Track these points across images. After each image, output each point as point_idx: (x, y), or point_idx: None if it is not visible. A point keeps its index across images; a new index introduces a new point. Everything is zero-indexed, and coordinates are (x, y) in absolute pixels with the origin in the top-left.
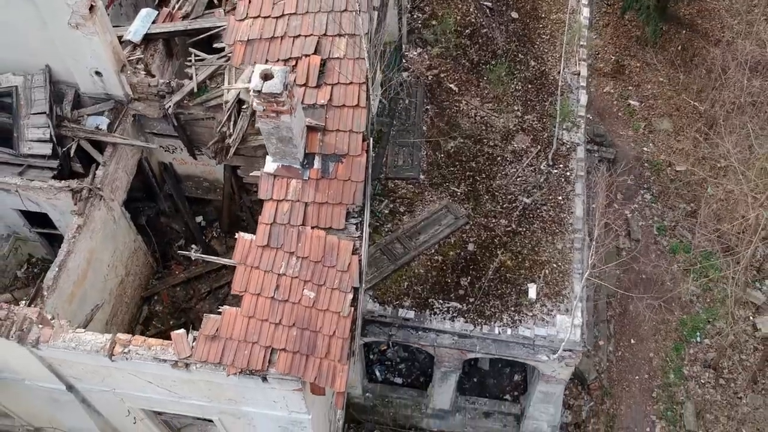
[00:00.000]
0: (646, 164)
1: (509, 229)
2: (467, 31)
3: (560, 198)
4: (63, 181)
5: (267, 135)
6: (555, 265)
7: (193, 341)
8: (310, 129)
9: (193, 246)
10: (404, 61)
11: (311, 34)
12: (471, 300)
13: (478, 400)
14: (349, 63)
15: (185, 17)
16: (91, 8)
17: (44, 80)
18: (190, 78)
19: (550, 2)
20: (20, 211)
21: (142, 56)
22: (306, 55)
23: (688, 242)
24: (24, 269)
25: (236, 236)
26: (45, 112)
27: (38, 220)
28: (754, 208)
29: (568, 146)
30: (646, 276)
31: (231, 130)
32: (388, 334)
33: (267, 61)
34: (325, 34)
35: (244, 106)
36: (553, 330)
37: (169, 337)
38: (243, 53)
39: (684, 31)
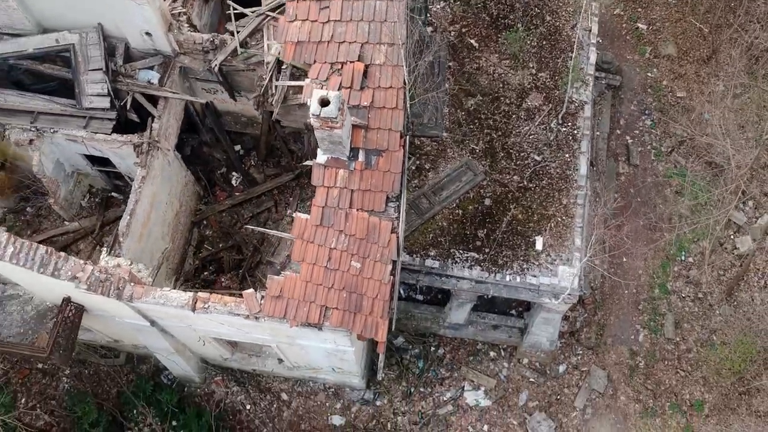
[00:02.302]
0: (649, 90)
1: (521, 185)
2: None
3: (567, 156)
4: (125, 135)
5: (321, 139)
6: (560, 219)
7: (261, 299)
8: (355, 127)
9: (234, 173)
10: (429, 15)
11: (355, 41)
12: (486, 250)
13: (487, 315)
14: (389, 69)
15: None
16: None
17: (98, 38)
18: (231, 34)
19: None
20: (84, 155)
21: (184, 9)
22: (351, 61)
23: (683, 167)
24: (86, 199)
25: (294, 216)
26: (101, 69)
27: (99, 160)
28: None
29: (576, 104)
30: (641, 199)
31: (273, 90)
32: (416, 279)
33: (315, 61)
34: (367, 42)
35: (283, 67)
36: (556, 279)
37: (218, 258)
38: (293, 52)
39: None
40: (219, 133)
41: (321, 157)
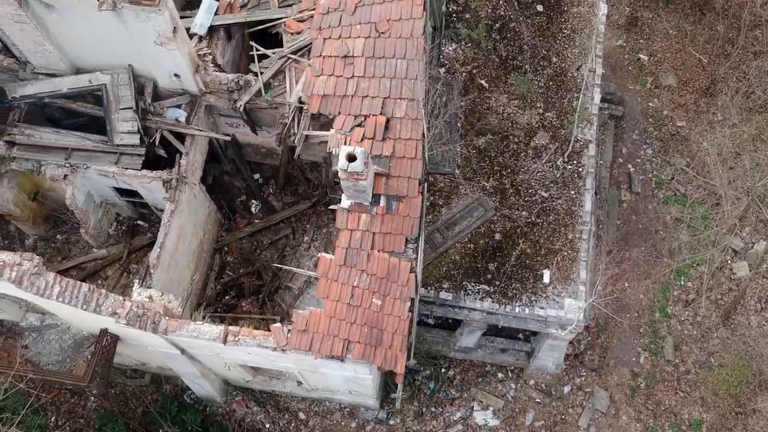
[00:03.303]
0: (650, 119)
1: (529, 220)
2: (497, 25)
3: (572, 192)
4: (155, 171)
5: (346, 187)
6: (566, 253)
7: (288, 332)
8: (377, 175)
9: (253, 201)
10: (441, 57)
11: (377, 96)
12: (497, 283)
13: (496, 339)
14: (409, 122)
15: (243, 7)
16: (174, 30)
17: (129, 79)
18: (255, 75)
19: None
20: (113, 187)
21: (209, 50)
22: (374, 115)
23: (682, 195)
24: (114, 227)
25: (319, 256)
26: (132, 107)
27: (127, 192)
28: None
29: (581, 143)
30: (643, 226)
31: (295, 129)
32: (430, 310)
33: (339, 113)
34: (389, 97)
35: (305, 107)
36: (562, 312)
37: (239, 283)
38: (319, 104)
39: None
40: (240, 164)
41: (345, 202)
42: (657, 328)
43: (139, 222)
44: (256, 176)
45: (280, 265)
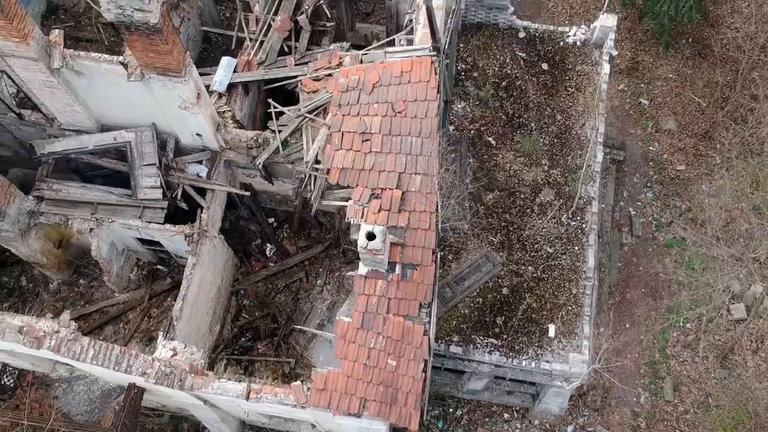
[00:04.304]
0: (651, 163)
1: (535, 275)
2: (504, 83)
3: (576, 248)
4: (177, 226)
5: (364, 258)
6: (570, 308)
7: (307, 390)
8: (393, 244)
9: (268, 245)
10: (450, 115)
11: (394, 171)
12: (504, 337)
13: (502, 381)
14: (423, 195)
15: (260, 64)
16: (198, 95)
17: (152, 136)
18: (272, 132)
19: (576, 54)
20: (136, 237)
21: (229, 107)
22: (390, 188)
23: (681, 238)
24: (135, 272)
25: (337, 319)
26: (155, 164)
27: (148, 241)
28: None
29: (584, 200)
30: (643, 268)
31: (312, 187)
32: (441, 363)
33: (357, 185)
34: (404, 172)
35: (320, 165)
36: (567, 366)
37: (254, 326)
38: (339, 176)
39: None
40: (256, 210)
41: (362, 269)
42: (657, 368)
43: (158, 266)
44: (271, 220)
45: (302, 327)
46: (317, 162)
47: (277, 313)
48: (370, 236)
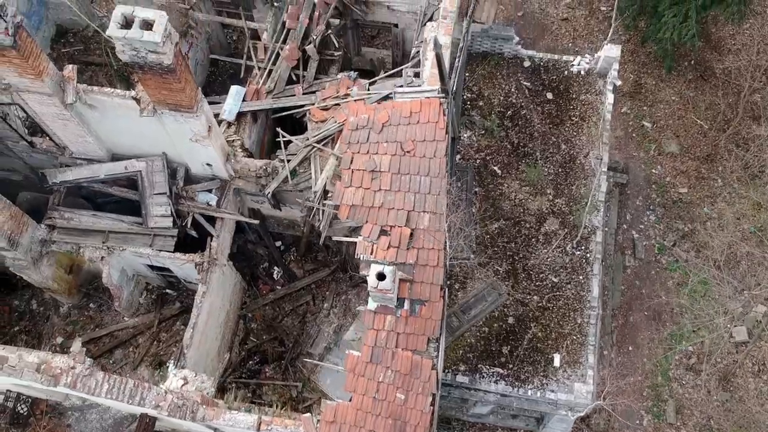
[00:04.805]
0: (653, 186)
1: (540, 305)
2: (509, 112)
3: (581, 278)
4: (187, 254)
5: (374, 296)
6: (575, 337)
7: (317, 423)
8: (402, 281)
9: (275, 268)
10: (457, 145)
11: (402, 209)
12: (510, 366)
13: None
14: (432, 233)
15: (269, 92)
16: (209, 129)
17: (162, 166)
18: (281, 161)
19: (581, 83)
20: (146, 264)
21: (238, 136)
22: (399, 226)
23: (683, 261)
24: (144, 296)
25: (347, 353)
26: (165, 193)
27: (158, 267)
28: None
29: (589, 230)
30: (646, 291)
31: (320, 217)
32: (447, 392)
33: (367, 221)
34: (413, 210)
35: (329, 195)
36: (572, 396)
37: (262, 349)
38: (348, 213)
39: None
40: (264, 235)
41: (372, 305)
42: (660, 391)
43: (167, 291)
44: (278, 243)
45: (309, 360)
46: (325, 191)
47: (285, 337)
48: (381, 276)
